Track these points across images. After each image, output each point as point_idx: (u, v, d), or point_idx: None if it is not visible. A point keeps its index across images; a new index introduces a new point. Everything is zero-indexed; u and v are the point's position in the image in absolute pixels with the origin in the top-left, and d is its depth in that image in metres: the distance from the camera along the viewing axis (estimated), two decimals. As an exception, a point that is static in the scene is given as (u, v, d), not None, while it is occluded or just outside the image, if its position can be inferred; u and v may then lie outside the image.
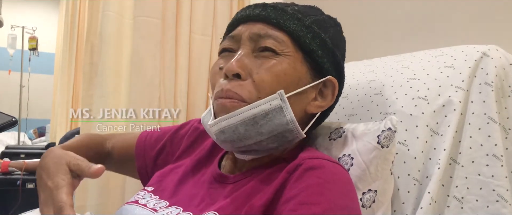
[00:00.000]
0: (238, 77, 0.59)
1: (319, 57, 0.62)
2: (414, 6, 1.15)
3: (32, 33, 4.19)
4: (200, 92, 1.59)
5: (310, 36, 0.61)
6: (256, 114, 0.56)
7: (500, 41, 0.79)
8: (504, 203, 0.64)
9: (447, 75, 0.74)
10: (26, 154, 3.14)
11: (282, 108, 0.57)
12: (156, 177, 0.71)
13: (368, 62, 0.96)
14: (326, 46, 0.63)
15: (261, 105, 0.57)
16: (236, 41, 0.63)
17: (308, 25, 0.62)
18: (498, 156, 0.66)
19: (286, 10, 0.62)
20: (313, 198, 0.49)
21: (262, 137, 0.58)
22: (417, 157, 0.69)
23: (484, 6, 0.98)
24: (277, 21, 0.61)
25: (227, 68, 0.59)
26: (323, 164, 0.55)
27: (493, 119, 0.68)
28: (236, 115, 0.57)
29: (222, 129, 0.58)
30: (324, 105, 0.65)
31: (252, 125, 0.57)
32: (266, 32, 0.60)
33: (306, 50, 0.61)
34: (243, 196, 0.56)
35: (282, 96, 0.57)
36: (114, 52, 1.41)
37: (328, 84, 0.65)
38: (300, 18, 0.62)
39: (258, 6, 0.63)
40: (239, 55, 0.60)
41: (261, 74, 0.58)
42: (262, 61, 0.59)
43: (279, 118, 0.57)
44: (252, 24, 0.62)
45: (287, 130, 0.58)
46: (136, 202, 0.63)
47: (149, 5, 1.46)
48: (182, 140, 0.79)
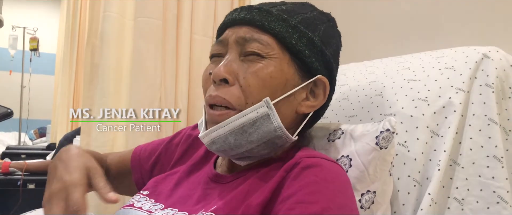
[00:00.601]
0: (225, 82, 0.59)
1: (306, 57, 0.61)
2: (415, 7, 1.15)
3: (33, 33, 4.20)
4: (200, 93, 1.57)
5: (296, 36, 0.61)
6: (244, 123, 0.57)
7: (500, 42, 0.79)
8: (505, 205, 0.63)
9: (447, 77, 0.74)
10: (27, 154, 3.15)
11: (269, 115, 0.57)
12: (152, 182, 0.71)
13: (369, 63, 0.96)
14: (314, 45, 0.62)
15: (248, 114, 0.57)
16: (224, 45, 0.63)
17: (294, 25, 0.61)
18: (499, 157, 0.66)
19: (271, 12, 0.61)
20: (311, 196, 0.49)
21: (253, 145, 0.58)
22: (417, 158, 0.69)
23: (485, 8, 0.98)
24: (261, 24, 0.60)
25: (215, 73, 0.59)
26: (321, 163, 0.55)
27: (494, 121, 0.68)
28: (224, 126, 0.58)
29: (212, 140, 0.59)
30: (316, 105, 0.64)
31: (241, 134, 0.57)
32: (251, 36, 0.60)
33: (292, 51, 0.61)
34: (240, 195, 0.56)
35: (268, 103, 0.57)
36: (115, 53, 1.41)
37: (319, 83, 0.64)
38: (285, 19, 0.61)
39: (243, 9, 0.63)
40: (226, 60, 0.60)
41: (247, 78, 0.58)
42: (248, 65, 0.59)
43: (266, 125, 0.57)
44: (238, 27, 0.62)
45: (276, 136, 0.58)
46: (131, 206, 0.63)
47: (150, 6, 1.46)
48: (176, 149, 0.79)
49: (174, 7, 1.52)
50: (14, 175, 2.31)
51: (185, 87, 1.55)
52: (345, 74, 0.95)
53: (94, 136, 1.33)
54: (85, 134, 1.34)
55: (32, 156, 3.03)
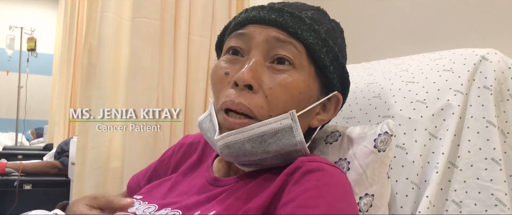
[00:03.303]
0: (249, 88, 0.55)
1: (330, 73, 0.60)
2: (414, 9, 1.15)
3: (30, 33, 4.19)
4: (198, 94, 1.58)
5: (325, 50, 0.58)
6: (265, 132, 0.55)
7: (499, 44, 0.79)
8: (503, 207, 0.63)
9: (446, 79, 0.74)
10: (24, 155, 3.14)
11: (292, 128, 0.55)
12: (147, 188, 0.70)
13: (367, 65, 0.96)
14: (338, 60, 0.60)
15: (271, 124, 0.55)
16: (247, 40, 0.58)
17: (324, 38, 0.58)
18: (497, 160, 0.66)
19: (303, 19, 0.58)
20: (312, 201, 0.48)
21: (268, 155, 0.56)
22: (415, 160, 0.69)
23: (483, 10, 0.98)
24: (295, 31, 0.57)
25: (239, 77, 0.55)
26: (322, 167, 0.54)
27: (492, 123, 0.68)
28: (244, 132, 0.55)
29: (227, 144, 0.56)
30: (325, 119, 0.64)
31: (260, 143, 0.55)
32: (285, 38, 0.56)
33: (319, 65, 0.59)
34: (240, 199, 0.55)
35: (293, 116, 0.55)
36: (112, 53, 1.41)
37: (332, 98, 0.63)
38: (316, 30, 0.58)
39: (273, 10, 0.58)
40: (252, 63, 0.56)
41: (275, 90, 0.55)
42: (276, 74, 0.56)
43: (288, 138, 0.55)
44: (266, 27, 0.58)
45: (294, 150, 0.57)
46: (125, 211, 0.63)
47: (148, 6, 1.46)
48: (170, 161, 0.78)
49: (172, 8, 1.52)
50: (10, 175, 2.30)
51: (183, 87, 1.54)
52: (343, 76, 0.94)
53: (91, 136, 1.32)
54: (82, 135, 1.34)
55: (29, 157, 3.02)
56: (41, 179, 2.37)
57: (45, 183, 2.38)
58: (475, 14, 1.00)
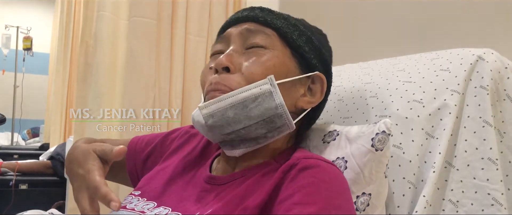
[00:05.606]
0: (227, 70, 0.60)
1: (306, 53, 0.64)
2: (410, 9, 1.16)
3: (26, 33, 4.17)
4: (195, 93, 1.58)
5: (297, 33, 0.64)
6: (246, 98, 0.57)
7: (495, 44, 0.79)
8: (499, 207, 0.63)
9: (442, 78, 0.74)
10: (19, 154, 3.13)
11: (271, 93, 0.58)
12: (144, 180, 0.71)
13: (364, 65, 0.96)
14: (313, 43, 0.66)
15: (251, 89, 0.58)
16: (225, 41, 0.65)
17: (294, 24, 0.65)
18: (493, 159, 0.66)
19: (272, 11, 0.66)
20: (308, 198, 0.49)
21: (251, 121, 0.58)
22: (412, 160, 0.69)
23: (480, 10, 0.99)
24: (264, 20, 0.64)
25: (217, 62, 0.60)
26: (318, 164, 0.55)
27: (489, 123, 0.68)
28: (225, 99, 0.58)
29: (211, 113, 0.58)
30: (314, 101, 0.66)
31: (241, 109, 0.57)
32: (256, 28, 0.63)
33: (293, 46, 0.64)
34: (236, 198, 0.55)
35: (272, 81, 0.58)
36: (109, 53, 1.41)
37: (316, 80, 0.66)
38: (286, 18, 0.65)
39: (245, 9, 0.67)
40: (229, 50, 0.62)
41: (250, 67, 0.60)
42: (251, 56, 0.61)
43: (268, 102, 0.58)
44: (240, 24, 0.65)
45: (276, 114, 0.58)
46: (124, 208, 0.63)
47: (145, 6, 1.46)
48: (172, 143, 0.78)
49: (168, 7, 1.52)
50: (6, 175, 2.29)
51: (180, 87, 1.54)
52: (340, 76, 0.94)
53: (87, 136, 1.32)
54: (77, 135, 1.33)
55: (24, 156, 3.01)
56: (37, 179, 2.37)
57: (41, 183, 2.37)
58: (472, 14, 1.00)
